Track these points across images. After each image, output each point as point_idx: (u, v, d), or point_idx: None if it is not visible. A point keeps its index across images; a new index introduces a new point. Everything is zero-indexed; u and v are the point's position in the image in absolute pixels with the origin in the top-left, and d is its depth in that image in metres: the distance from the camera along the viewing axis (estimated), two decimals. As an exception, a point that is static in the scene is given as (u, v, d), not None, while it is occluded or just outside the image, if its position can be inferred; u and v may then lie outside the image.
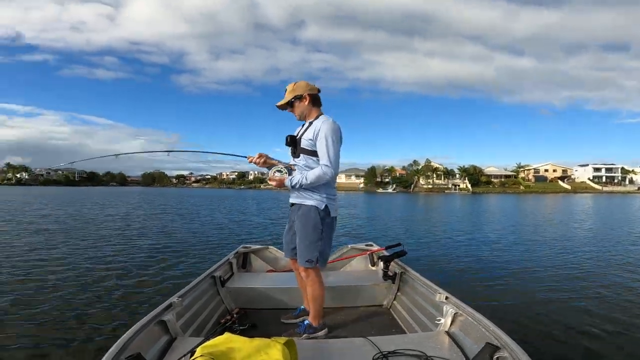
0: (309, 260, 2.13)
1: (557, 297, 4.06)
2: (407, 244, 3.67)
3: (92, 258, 6.18)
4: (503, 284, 4.62)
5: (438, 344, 1.81)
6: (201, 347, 1.35)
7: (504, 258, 6.35)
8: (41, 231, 9.47)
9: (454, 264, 5.84)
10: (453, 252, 6.92)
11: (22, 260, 5.91)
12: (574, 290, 4.29)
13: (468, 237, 9.28)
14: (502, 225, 12.56)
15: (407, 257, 3.02)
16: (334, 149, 2.06)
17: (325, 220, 2.14)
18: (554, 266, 5.68)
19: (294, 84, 2.21)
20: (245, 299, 2.80)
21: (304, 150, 2.15)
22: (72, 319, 3.38)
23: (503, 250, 7.15)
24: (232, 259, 3.29)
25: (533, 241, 8.57)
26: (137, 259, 6.17)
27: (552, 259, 6.31)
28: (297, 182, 2.10)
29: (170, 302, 1.98)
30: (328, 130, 2.05)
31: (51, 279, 4.78)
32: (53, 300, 3.89)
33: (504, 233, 10.18)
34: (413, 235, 9.56)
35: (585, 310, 3.63)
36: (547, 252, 7.03)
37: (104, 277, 4.90)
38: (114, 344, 1.47)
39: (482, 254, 6.64)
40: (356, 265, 3.64)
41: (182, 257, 6.38)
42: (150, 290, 4.29)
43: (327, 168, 2.04)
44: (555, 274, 5.16)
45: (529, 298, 4.04)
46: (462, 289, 4.14)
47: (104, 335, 2.99)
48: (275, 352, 1.37)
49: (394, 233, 10.04)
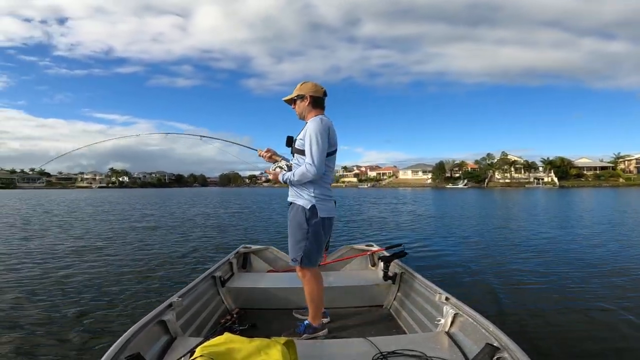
0: (294, 260, 2.19)
1: (559, 298, 4.04)
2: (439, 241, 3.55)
3: (92, 258, 6.19)
4: (504, 284, 4.61)
5: (438, 345, 1.81)
6: (201, 347, 1.35)
7: (506, 258, 6.33)
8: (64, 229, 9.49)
9: (455, 263, 5.83)
10: (453, 252, 6.91)
11: (22, 260, 5.93)
12: (579, 292, 4.24)
13: (482, 234, 9.05)
14: (532, 221, 12.12)
15: (408, 258, 3.02)
16: (317, 147, 2.06)
17: (312, 220, 2.13)
18: (562, 265, 5.62)
19: (302, 83, 2.25)
20: (245, 299, 2.80)
21: (297, 150, 2.21)
22: (72, 317, 3.37)
23: (509, 248, 7.10)
24: (233, 259, 3.29)
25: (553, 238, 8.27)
26: (137, 259, 6.18)
27: (563, 258, 6.21)
28: (287, 178, 2.18)
29: (171, 301, 1.98)
30: (312, 130, 2.07)
31: (51, 277, 4.78)
32: (53, 299, 3.90)
33: (525, 229, 9.90)
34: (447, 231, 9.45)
35: (587, 311, 3.61)
36: (559, 251, 6.90)
37: (104, 276, 4.90)
38: (114, 344, 1.47)
39: (484, 254, 6.63)
40: (356, 266, 3.64)
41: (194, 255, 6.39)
42: (150, 290, 4.29)
43: (310, 166, 2.06)
44: (562, 273, 5.08)
45: (529, 299, 4.02)
46: (462, 290, 4.13)
47: (104, 335, 2.98)
48: (275, 352, 1.37)
49: (392, 230, 10.02)
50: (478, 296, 4.02)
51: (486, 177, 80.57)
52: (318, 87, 2.24)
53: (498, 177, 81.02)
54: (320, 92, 2.24)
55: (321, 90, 2.25)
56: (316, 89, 2.23)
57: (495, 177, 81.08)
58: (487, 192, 48.01)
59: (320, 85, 2.26)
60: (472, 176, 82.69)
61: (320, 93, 2.24)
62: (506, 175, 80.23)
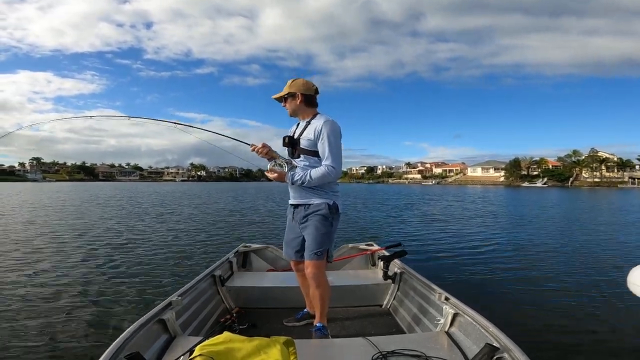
0: (319, 252, 2.11)
1: (560, 299, 4.04)
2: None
3: (92, 257, 6.19)
4: (504, 284, 4.61)
5: (437, 345, 1.81)
6: (200, 346, 1.35)
7: (507, 257, 6.32)
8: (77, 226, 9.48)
9: (456, 264, 5.83)
10: (454, 251, 6.90)
11: (22, 260, 5.92)
12: (581, 293, 4.23)
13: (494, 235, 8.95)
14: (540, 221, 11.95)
15: (409, 257, 3.02)
16: (338, 150, 2.10)
17: (335, 215, 2.18)
18: (563, 266, 5.62)
19: (293, 80, 2.21)
20: (245, 299, 2.80)
21: (304, 151, 2.15)
22: (71, 316, 3.37)
23: (510, 248, 7.10)
24: (232, 258, 3.29)
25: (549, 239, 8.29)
26: (139, 258, 6.17)
27: (562, 258, 6.22)
28: (300, 178, 2.09)
29: (170, 300, 1.98)
30: (331, 132, 2.08)
31: (51, 276, 4.78)
32: (51, 298, 3.90)
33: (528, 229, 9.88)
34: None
35: (588, 311, 3.61)
36: (560, 250, 6.90)
37: (102, 274, 4.90)
38: (113, 343, 1.47)
39: (485, 254, 6.62)
40: (356, 265, 3.64)
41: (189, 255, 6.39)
42: (149, 289, 4.29)
43: (332, 168, 2.07)
44: (564, 274, 5.08)
45: (530, 299, 4.02)
46: (462, 290, 4.13)
47: (103, 334, 2.98)
48: (275, 351, 1.37)
49: (392, 230, 9.99)
50: (478, 296, 4.02)
51: (570, 176, 74.39)
52: (309, 84, 2.22)
53: (586, 175, 74.74)
54: (311, 89, 2.21)
55: (312, 87, 2.22)
56: (307, 86, 2.20)
57: (583, 175, 74.84)
58: (570, 192, 43.54)
59: (311, 83, 2.23)
60: (553, 174, 76.48)
61: (312, 91, 2.22)
62: (595, 174, 73.57)
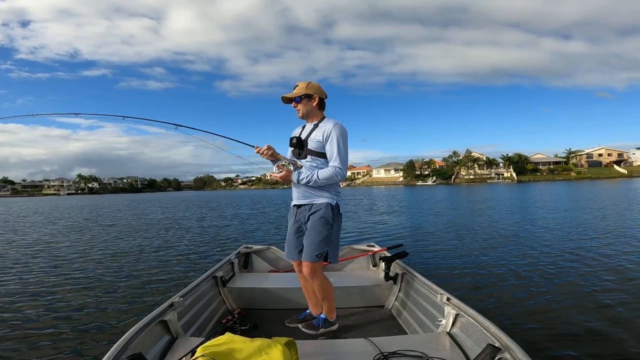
0: (319, 255, 2.14)
1: (561, 299, 4.02)
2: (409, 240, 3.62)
3: (94, 259, 6.20)
4: (505, 284, 4.59)
5: (439, 345, 1.81)
6: (202, 347, 1.35)
7: (508, 257, 6.31)
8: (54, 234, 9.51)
9: (456, 264, 5.82)
10: (456, 251, 6.89)
11: (22, 260, 5.94)
12: (582, 292, 4.21)
13: (473, 231, 8.99)
14: (514, 216, 12.14)
15: (409, 258, 3.02)
16: (346, 152, 2.17)
17: (337, 216, 2.22)
18: (564, 264, 5.59)
19: (308, 82, 2.29)
20: (246, 300, 2.80)
21: (311, 152, 2.20)
22: (73, 317, 3.38)
23: (509, 247, 7.08)
24: (234, 259, 3.29)
25: (545, 236, 8.25)
26: (139, 259, 6.19)
27: (563, 256, 6.19)
28: (305, 178, 2.14)
29: (172, 301, 1.98)
30: (340, 135, 2.15)
31: (52, 278, 4.80)
32: (54, 299, 3.91)
33: (513, 226, 9.84)
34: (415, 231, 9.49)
35: (589, 311, 3.59)
36: (561, 248, 6.85)
37: (105, 276, 4.91)
38: (115, 344, 1.47)
39: (485, 253, 6.61)
40: (357, 266, 3.64)
41: (188, 255, 6.39)
42: (152, 290, 4.30)
43: (339, 170, 2.13)
44: (565, 273, 5.05)
45: (531, 299, 4.01)
46: (463, 290, 4.12)
47: (105, 335, 2.99)
48: (276, 352, 1.37)
49: (395, 228, 10.01)
50: (479, 296, 4.00)
51: (453, 174, 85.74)
52: (322, 88, 2.32)
53: (463, 173, 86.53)
54: (324, 94, 2.34)
55: (325, 92, 2.35)
56: (322, 90, 2.32)
57: (461, 173, 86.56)
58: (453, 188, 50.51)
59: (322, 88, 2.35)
60: (439, 173, 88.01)
61: (325, 95, 2.34)
62: (470, 172, 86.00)
